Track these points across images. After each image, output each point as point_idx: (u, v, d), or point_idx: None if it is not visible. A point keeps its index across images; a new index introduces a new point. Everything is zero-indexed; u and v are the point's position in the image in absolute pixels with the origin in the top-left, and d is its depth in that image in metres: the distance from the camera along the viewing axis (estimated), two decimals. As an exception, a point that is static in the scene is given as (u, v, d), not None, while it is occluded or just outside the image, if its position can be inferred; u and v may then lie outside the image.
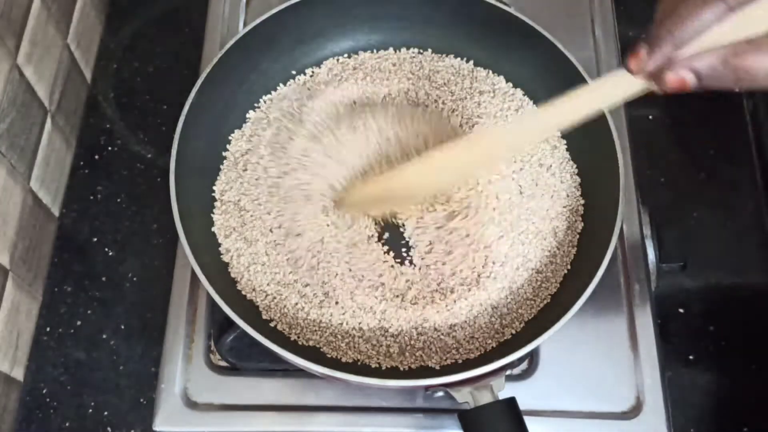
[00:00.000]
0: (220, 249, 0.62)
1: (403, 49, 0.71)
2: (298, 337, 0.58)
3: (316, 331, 0.59)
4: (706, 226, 0.74)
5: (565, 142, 0.67)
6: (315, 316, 0.59)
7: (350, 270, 0.60)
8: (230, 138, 0.67)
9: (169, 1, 0.85)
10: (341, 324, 0.59)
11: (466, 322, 0.59)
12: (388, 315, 0.59)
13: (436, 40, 0.71)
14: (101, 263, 0.72)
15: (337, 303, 0.59)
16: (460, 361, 0.58)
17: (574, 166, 0.66)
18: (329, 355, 0.58)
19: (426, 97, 0.68)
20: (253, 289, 0.60)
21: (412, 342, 0.59)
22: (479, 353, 0.58)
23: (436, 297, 0.60)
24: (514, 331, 0.59)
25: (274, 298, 0.60)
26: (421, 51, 0.71)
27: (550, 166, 0.65)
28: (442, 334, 0.59)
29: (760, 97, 0.79)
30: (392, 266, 0.61)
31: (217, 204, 0.64)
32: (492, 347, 0.59)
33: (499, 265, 0.60)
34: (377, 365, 0.58)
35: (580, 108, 0.50)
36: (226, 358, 0.62)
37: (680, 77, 0.43)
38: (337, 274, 0.60)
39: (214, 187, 0.64)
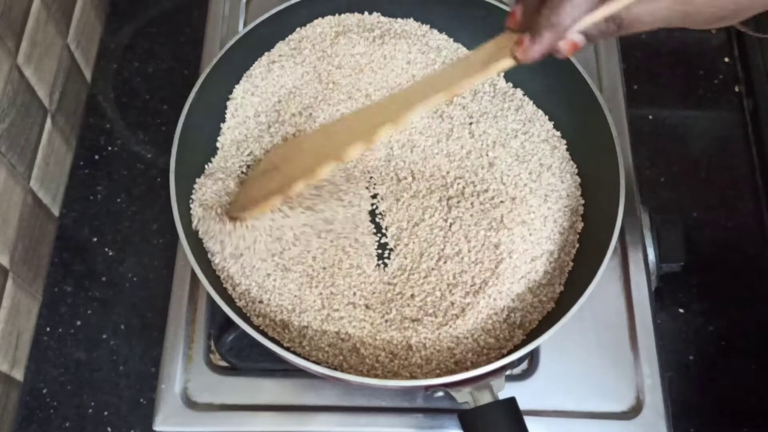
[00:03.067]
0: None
1: (404, 50, 0.71)
2: (292, 344, 0.58)
3: (305, 337, 0.58)
4: (706, 226, 0.74)
5: (565, 142, 0.67)
6: (305, 324, 0.58)
7: (345, 283, 0.60)
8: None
9: (169, 1, 0.85)
10: (336, 333, 0.58)
11: (468, 329, 0.59)
12: (382, 327, 0.59)
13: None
14: (101, 263, 0.72)
15: (329, 314, 0.59)
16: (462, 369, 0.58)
17: (574, 166, 0.66)
18: (323, 363, 0.58)
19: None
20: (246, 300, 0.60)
21: (413, 349, 0.58)
22: (484, 359, 0.58)
23: (438, 306, 0.60)
24: (519, 338, 0.59)
25: (263, 302, 0.59)
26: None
27: (550, 166, 0.65)
28: (445, 339, 0.59)
29: (760, 97, 0.79)
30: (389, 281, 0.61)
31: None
32: (497, 354, 0.58)
33: (504, 268, 0.60)
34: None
35: (463, 81, 0.50)
36: (226, 358, 0.62)
37: (572, 43, 0.45)
38: (329, 286, 0.60)
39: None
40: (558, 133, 0.67)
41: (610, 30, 0.44)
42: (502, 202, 0.62)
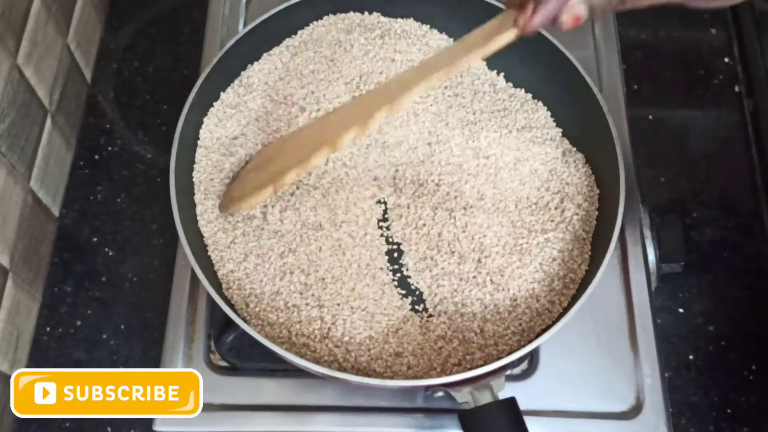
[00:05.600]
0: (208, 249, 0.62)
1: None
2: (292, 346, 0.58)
3: (307, 336, 0.58)
4: (706, 226, 0.74)
5: (566, 141, 0.67)
6: (306, 332, 0.58)
7: (353, 291, 0.60)
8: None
9: (169, 1, 0.85)
10: (340, 338, 0.59)
11: (470, 329, 0.59)
12: (386, 332, 0.59)
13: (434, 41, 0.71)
14: (101, 263, 0.72)
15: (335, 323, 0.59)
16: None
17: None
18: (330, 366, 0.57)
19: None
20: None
21: (413, 349, 0.58)
22: (486, 358, 0.58)
23: (442, 307, 0.60)
24: (525, 339, 0.59)
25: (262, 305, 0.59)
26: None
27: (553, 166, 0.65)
28: (447, 339, 0.59)
29: (760, 97, 0.79)
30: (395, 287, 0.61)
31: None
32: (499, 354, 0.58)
33: (508, 274, 0.60)
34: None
35: (463, 58, 0.50)
36: (226, 358, 0.62)
37: (575, 15, 0.43)
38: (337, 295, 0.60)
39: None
40: (558, 133, 0.67)
41: (613, 3, 0.43)
42: (502, 202, 0.62)
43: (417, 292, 0.61)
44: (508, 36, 0.47)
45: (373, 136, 0.65)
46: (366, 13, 0.71)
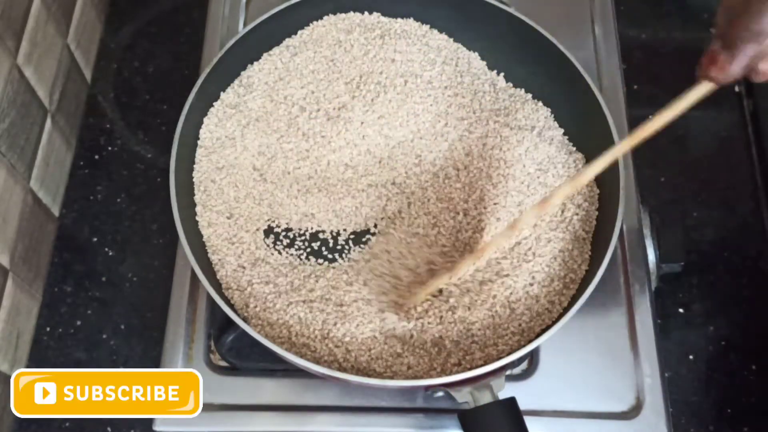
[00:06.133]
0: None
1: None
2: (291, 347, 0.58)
3: (307, 335, 0.58)
4: (706, 226, 0.74)
5: (566, 141, 0.67)
6: (308, 330, 0.58)
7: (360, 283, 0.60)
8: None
9: (169, 1, 0.85)
10: (342, 336, 0.59)
11: (471, 328, 0.59)
12: (386, 327, 0.59)
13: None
14: (101, 263, 0.72)
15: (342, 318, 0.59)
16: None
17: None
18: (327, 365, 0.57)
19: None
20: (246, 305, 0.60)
21: (413, 349, 0.58)
22: (487, 357, 0.58)
23: (440, 306, 0.60)
24: (525, 340, 0.59)
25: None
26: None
27: (554, 165, 0.65)
28: (446, 339, 0.59)
29: (760, 96, 0.79)
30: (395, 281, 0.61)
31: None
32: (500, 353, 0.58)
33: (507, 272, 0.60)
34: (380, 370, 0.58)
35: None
36: (226, 358, 0.62)
37: None
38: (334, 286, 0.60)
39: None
40: (559, 133, 0.67)
41: None
42: (503, 201, 0.62)
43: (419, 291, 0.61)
44: (702, 89, 0.43)
45: (374, 136, 0.65)
46: (366, 13, 0.71)
